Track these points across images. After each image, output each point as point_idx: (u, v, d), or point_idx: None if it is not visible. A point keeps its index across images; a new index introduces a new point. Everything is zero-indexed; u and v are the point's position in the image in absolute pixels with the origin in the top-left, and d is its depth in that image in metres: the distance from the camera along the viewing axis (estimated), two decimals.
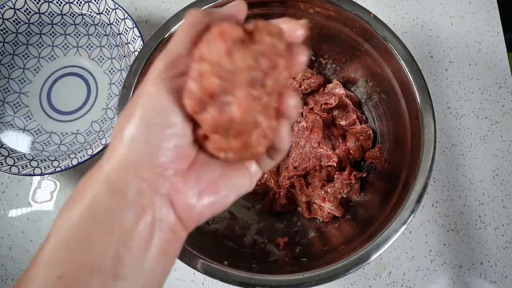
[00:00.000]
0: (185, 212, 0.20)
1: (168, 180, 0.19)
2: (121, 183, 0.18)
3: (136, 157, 0.19)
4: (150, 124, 0.19)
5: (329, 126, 0.49)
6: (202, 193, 0.20)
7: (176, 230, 0.20)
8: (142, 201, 0.19)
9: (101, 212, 0.18)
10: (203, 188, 0.20)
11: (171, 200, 0.20)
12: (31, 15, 0.53)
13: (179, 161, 0.20)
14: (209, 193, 0.20)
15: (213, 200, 0.21)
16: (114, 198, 0.18)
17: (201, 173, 0.20)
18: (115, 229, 0.18)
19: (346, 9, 0.41)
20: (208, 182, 0.21)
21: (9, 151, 0.49)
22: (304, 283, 0.34)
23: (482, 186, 0.51)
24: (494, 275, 0.48)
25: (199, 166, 0.21)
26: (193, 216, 0.20)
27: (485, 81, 0.56)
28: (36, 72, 0.56)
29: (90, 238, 0.18)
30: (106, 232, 0.18)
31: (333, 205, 0.44)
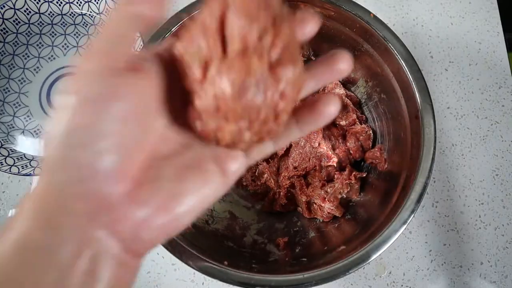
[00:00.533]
0: (132, 242, 0.17)
1: (108, 210, 0.16)
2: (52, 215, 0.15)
3: (63, 185, 0.16)
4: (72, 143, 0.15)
5: (329, 126, 0.49)
6: (150, 218, 0.17)
7: (125, 260, 0.17)
8: (79, 235, 0.16)
9: (32, 250, 0.15)
10: (151, 212, 0.17)
11: (114, 231, 0.16)
12: (31, 15, 0.53)
13: (118, 183, 0.16)
14: (159, 217, 0.17)
15: (164, 223, 0.17)
16: (47, 235, 0.15)
17: (146, 194, 0.17)
18: (50, 269, 0.15)
19: (346, 9, 0.41)
20: (156, 203, 0.17)
21: (9, 151, 0.49)
22: (304, 283, 0.34)
23: (482, 186, 0.51)
24: (494, 275, 0.48)
25: (143, 186, 0.17)
26: (142, 244, 0.17)
27: (485, 81, 0.56)
28: (36, 72, 0.56)
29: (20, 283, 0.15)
30: (40, 274, 0.15)
31: (333, 205, 0.44)
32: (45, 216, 0.15)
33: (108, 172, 0.16)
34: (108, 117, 0.16)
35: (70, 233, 0.15)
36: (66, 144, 0.15)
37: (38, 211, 0.16)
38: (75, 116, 0.15)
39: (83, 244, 0.16)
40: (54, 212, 0.15)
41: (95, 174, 0.16)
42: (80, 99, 0.16)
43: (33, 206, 0.16)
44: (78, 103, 0.16)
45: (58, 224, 0.15)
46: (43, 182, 0.16)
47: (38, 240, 0.15)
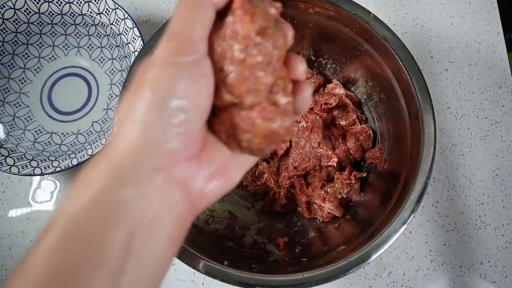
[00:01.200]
0: (196, 196, 0.20)
1: (180, 165, 0.19)
2: (132, 169, 0.17)
3: (148, 142, 0.18)
4: (163, 108, 0.18)
5: (329, 126, 0.49)
6: (213, 176, 0.20)
7: (184, 216, 0.20)
8: (153, 188, 0.18)
9: (111, 201, 0.17)
10: (214, 171, 0.20)
11: (184, 185, 0.19)
12: (31, 15, 0.53)
13: (191, 146, 0.19)
14: (220, 176, 0.21)
15: (223, 182, 0.21)
16: (125, 187, 0.17)
17: (211, 156, 0.20)
18: (125, 220, 0.17)
19: (346, 9, 0.41)
20: (218, 165, 0.21)
21: (9, 151, 0.49)
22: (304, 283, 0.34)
23: (482, 186, 0.51)
24: (494, 275, 0.48)
25: (209, 149, 0.20)
26: (203, 199, 0.20)
27: (485, 81, 0.56)
28: (36, 72, 0.56)
29: (97, 230, 0.16)
30: (116, 224, 0.17)
31: (333, 205, 0.44)
32: (124, 171, 0.17)
33: (188, 136, 0.18)
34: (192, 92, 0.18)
35: (146, 186, 0.18)
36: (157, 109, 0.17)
37: (116, 167, 0.17)
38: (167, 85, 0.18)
39: (156, 197, 0.18)
40: (132, 167, 0.17)
41: (177, 137, 0.18)
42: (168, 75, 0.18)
43: (110, 163, 0.18)
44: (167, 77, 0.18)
45: (135, 179, 0.17)
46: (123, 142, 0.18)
47: (115, 194, 0.17)
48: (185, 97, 0.18)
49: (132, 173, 0.17)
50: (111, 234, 0.17)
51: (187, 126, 0.18)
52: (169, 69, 0.18)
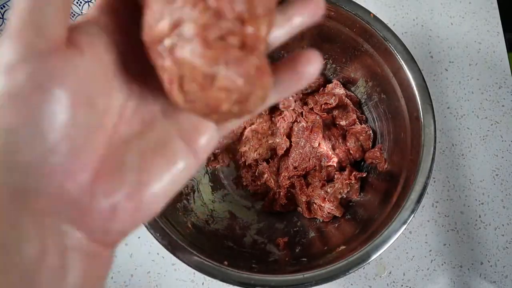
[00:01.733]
0: (100, 234, 0.15)
1: (71, 202, 0.15)
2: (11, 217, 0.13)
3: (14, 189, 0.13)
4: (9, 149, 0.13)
5: (329, 126, 0.49)
6: (115, 207, 0.15)
7: (96, 252, 0.16)
8: (42, 235, 0.14)
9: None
10: (119, 202, 0.15)
11: (80, 224, 0.15)
12: None
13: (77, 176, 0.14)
14: (128, 206, 0.15)
15: (132, 212, 0.16)
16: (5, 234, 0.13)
17: (110, 183, 0.15)
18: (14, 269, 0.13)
19: (346, 9, 0.41)
20: (121, 192, 0.15)
21: None
22: (304, 283, 0.34)
23: (482, 186, 0.51)
24: (494, 275, 0.48)
25: (106, 175, 0.15)
26: (111, 235, 0.16)
27: (485, 81, 0.56)
28: None
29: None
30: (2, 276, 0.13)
31: (333, 205, 0.44)
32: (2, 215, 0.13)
33: (64, 167, 0.14)
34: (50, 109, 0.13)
35: (31, 230, 0.14)
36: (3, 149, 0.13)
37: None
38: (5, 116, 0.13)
39: (48, 239, 0.14)
40: (9, 213, 0.13)
41: (48, 171, 0.14)
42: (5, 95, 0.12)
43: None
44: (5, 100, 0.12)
45: (16, 223, 0.13)
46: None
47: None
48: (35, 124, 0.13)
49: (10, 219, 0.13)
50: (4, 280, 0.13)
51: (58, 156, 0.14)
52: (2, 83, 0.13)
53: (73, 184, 0.14)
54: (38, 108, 0.13)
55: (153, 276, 0.47)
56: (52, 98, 0.13)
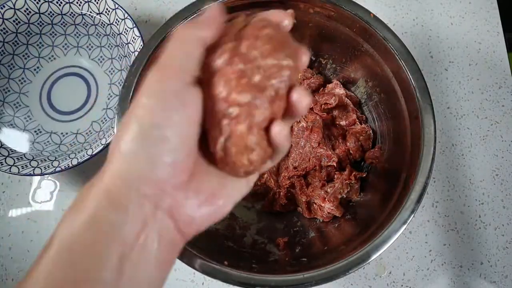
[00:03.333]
0: (185, 224, 0.21)
1: (169, 194, 0.20)
2: (121, 197, 0.18)
3: (135, 172, 0.19)
4: (147, 138, 0.18)
5: (329, 126, 0.49)
6: (201, 204, 0.21)
7: (175, 241, 0.21)
8: (143, 216, 0.19)
9: (102, 225, 0.18)
10: (202, 200, 0.21)
11: (172, 213, 0.20)
12: (31, 15, 0.53)
13: (179, 175, 0.20)
14: (208, 204, 0.21)
15: (212, 211, 0.21)
16: (115, 212, 0.18)
17: (200, 184, 0.21)
18: (116, 242, 0.18)
19: (346, 9, 0.41)
20: (207, 193, 0.21)
21: (9, 151, 0.49)
22: (304, 283, 0.34)
23: (482, 186, 0.51)
24: (494, 275, 0.48)
25: (197, 178, 0.21)
26: (193, 227, 0.21)
27: (485, 81, 0.56)
28: (36, 72, 0.56)
29: (92, 251, 0.17)
30: (108, 246, 0.18)
31: (333, 205, 0.44)
32: (114, 198, 0.18)
33: (172, 166, 0.19)
34: (177, 120, 0.19)
35: (135, 212, 0.18)
36: (140, 138, 0.18)
37: (107, 194, 0.18)
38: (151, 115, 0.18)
39: (145, 224, 0.19)
40: (122, 195, 0.18)
41: (163, 166, 0.19)
42: (155, 103, 0.19)
43: (103, 189, 0.18)
44: (154, 106, 0.19)
45: (125, 205, 0.18)
46: (117, 169, 0.19)
47: (107, 216, 0.18)
48: (167, 127, 0.19)
49: (120, 200, 0.18)
50: (104, 256, 0.18)
51: (171, 155, 0.19)
52: (153, 99, 0.19)
53: (176, 179, 0.19)
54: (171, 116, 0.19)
55: None
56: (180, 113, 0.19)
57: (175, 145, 0.19)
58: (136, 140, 0.18)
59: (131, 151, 0.18)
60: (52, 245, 0.18)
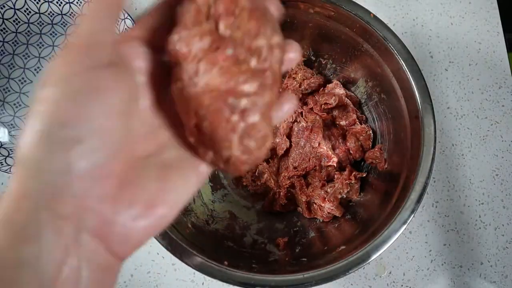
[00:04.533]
0: (118, 244, 0.16)
1: (93, 211, 0.15)
2: (30, 224, 0.14)
3: (44, 188, 0.14)
4: (54, 140, 0.14)
5: (329, 126, 0.49)
6: (137, 218, 0.16)
7: (108, 265, 0.16)
8: (63, 243, 0.14)
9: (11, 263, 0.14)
10: (138, 212, 0.16)
11: (100, 233, 0.16)
12: (31, 15, 0.53)
13: (102, 184, 0.15)
14: (146, 216, 0.17)
15: (152, 223, 0.17)
16: (24, 246, 0.14)
17: (133, 193, 0.17)
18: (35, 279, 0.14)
19: (346, 9, 0.41)
20: (143, 203, 0.17)
21: (9, 151, 0.49)
22: (304, 283, 0.34)
23: (482, 186, 0.51)
24: (494, 275, 0.48)
25: (129, 184, 0.17)
26: (128, 246, 0.17)
27: (485, 81, 0.56)
28: (36, 72, 0.56)
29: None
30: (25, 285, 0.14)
31: (333, 205, 0.44)
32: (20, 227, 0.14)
33: (92, 173, 0.15)
34: (92, 113, 0.15)
35: (52, 241, 0.14)
36: (45, 143, 0.14)
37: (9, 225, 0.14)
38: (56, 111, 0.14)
39: (67, 253, 0.14)
40: (30, 222, 0.14)
41: (78, 176, 0.14)
42: (61, 93, 0.14)
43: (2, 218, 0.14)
44: (59, 97, 0.14)
45: (37, 234, 0.14)
46: (18, 188, 0.14)
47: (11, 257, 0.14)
48: (80, 123, 0.14)
49: (29, 228, 0.14)
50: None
51: (89, 160, 0.15)
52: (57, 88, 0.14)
53: (97, 191, 0.15)
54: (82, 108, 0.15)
55: (153, 276, 0.47)
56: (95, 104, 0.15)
57: (92, 145, 0.15)
58: (40, 145, 0.14)
59: (35, 160, 0.14)
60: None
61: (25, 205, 0.14)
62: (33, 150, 0.14)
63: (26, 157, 0.14)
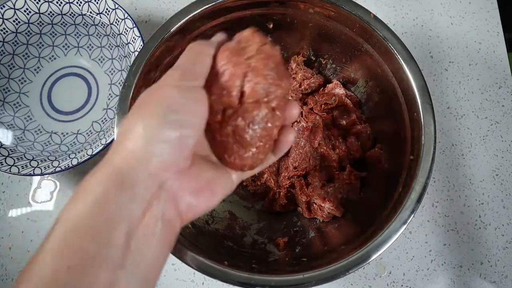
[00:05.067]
0: (185, 207, 0.22)
1: (173, 178, 0.21)
2: (130, 177, 0.19)
3: (146, 152, 0.20)
4: (167, 121, 0.20)
5: (329, 126, 0.49)
6: (200, 191, 0.23)
7: (175, 223, 0.22)
8: (149, 196, 0.20)
9: (110, 204, 0.19)
10: (201, 187, 0.23)
11: (174, 196, 0.21)
12: (31, 15, 0.53)
13: (183, 160, 0.21)
14: (205, 191, 0.23)
15: (208, 198, 0.23)
16: (123, 191, 0.19)
17: (198, 173, 0.23)
18: (123, 220, 0.19)
19: (346, 9, 0.41)
20: (204, 181, 0.23)
21: (9, 151, 0.49)
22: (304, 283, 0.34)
23: (482, 186, 0.51)
24: (494, 275, 0.48)
25: (196, 167, 0.23)
26: (190, 212, 0.23)
27: (485, 81, 0.56)
28: (36, 72, 0.56)
29: (99, 229, 0.18)
30: (114, 224, 0.18)
31: (333, 205, 0.44)
32: (123, 177, 0.19)
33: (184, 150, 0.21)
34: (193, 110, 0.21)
35: (141, 192, 0.20)
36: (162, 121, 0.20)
37: (116, 175, 0.19)
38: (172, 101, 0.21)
39: (150, 204, 0.20)
40: (131, 174, 0.19)
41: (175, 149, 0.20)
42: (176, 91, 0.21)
43: (110, 171, 0.20)
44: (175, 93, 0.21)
45: (132, 184, 0.19)
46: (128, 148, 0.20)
47: (115, 195, 0.19)
48: (183, 113, 0.21)
49: (128, 179, 0.19)
50: (112, 233, 0.18)
51: (185, 141, 0.21)
52: (172, 89, 0.21)
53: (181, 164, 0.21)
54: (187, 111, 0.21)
55: None
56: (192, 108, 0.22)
57: (189, 132, 0.21)
58: (157, 125, 0.20)
59: (151, 134, 0.20)
60: (58, 227, 0.18)
61: (132, 161, 0.20)
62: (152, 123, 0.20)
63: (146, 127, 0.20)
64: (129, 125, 0.21)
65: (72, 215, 0.19)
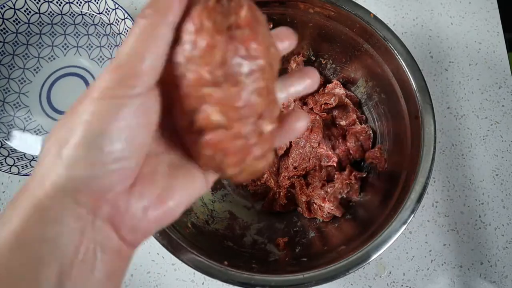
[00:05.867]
0: (129, 232, 0.18)
1: (108, 201, 0.17)
2: (56, 210, 0.16)
3: (75, 181, 0.16)
4: (94, 146, 0.16)
5: (329, 126, 0.49)
6: (146, 209, 0.18)
7: (120, 251, 0.18)
8: (80, 228, 0.17)
9: (33, 243, 0.16)
10: (147, 204, 0.18)
11: (113, 222, 0.18)
12: (31, 15, 0.53)
13: (123, 182, 0.18)
14: (154, 208, 0.19)
15: (161, 215, 0.19)
16: (48, 227, 0.16)
17: (144, 188, 0.19)
18: (52, 260, 0.16)
19: (346, 9, 0.41)
20: (152, 196, 0.19)
21: (9, 151, 0.49)
22: (304, 283, 0.34)
23: (482, 186, 0.51)
24: (494, 275, 0.48)
25: (142, 181, 0.19)
26: (138, 234, 0.19)
27: (485, 81, 0.56)
28: (36, 72, 0.56)
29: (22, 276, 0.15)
30: (42, 265, 0.16)
31: (333, 205, 0.44)
32: (46, 210, 0.16)
33: (120, 173, 0.17)
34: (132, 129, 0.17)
35: (71, 223, 0.16)
36: (88, 146, 0.16)
37: (38, 207, 0.16)
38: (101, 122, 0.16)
39: (83, 237, 0.17)
40: (56, 205, 0.16)
41: (108, 175, 0.17)
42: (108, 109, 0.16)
43: (31, 202, 0.16)
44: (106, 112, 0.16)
45: (59, 217, 0.16)
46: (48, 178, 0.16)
47: (39, 232, 0.16)
48: (120, 136, 0.17)
49: (54, 211, 0.16)
50: (39, 278, 0.15)
51: (119, 164, 0.17)
52: (106, 103, 0.16)
53: (119, 187, 0.17)
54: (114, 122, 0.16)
55: (153, 276, 0.47)
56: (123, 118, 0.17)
57: (125, 154, 0.17)
58: (81, 147, 0.16)
59: (74, 158, 0.16)
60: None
61: (53, 192, 0.16)
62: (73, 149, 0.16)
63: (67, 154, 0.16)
64: (52, 146, 0.17)
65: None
